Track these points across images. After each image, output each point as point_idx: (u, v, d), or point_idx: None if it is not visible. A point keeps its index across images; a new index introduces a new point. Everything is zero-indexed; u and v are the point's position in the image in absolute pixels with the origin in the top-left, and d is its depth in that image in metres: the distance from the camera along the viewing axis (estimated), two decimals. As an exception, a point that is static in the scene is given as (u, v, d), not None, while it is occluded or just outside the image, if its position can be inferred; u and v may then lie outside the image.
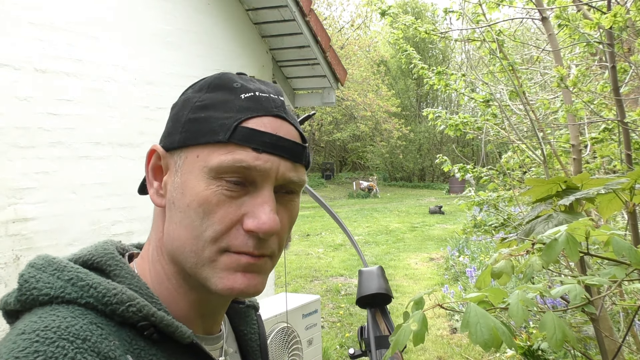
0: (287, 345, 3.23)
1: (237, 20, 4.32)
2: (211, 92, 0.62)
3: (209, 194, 0.57)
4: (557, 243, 0.68)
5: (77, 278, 0.57)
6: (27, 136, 2.79)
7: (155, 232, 0.65)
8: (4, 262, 2.68)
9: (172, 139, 0.62)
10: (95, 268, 0.61)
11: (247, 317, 0.79)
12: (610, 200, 0.81)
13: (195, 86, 0.65)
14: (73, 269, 0.58)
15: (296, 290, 7.17)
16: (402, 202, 19.60)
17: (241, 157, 0.57)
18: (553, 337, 0.66)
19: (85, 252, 0.63)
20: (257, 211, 0.58)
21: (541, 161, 2.23)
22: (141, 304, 0.57)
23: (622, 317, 2.78)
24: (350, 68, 19.06)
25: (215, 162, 0.57)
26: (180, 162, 0.61)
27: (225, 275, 0.58)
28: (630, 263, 0.73)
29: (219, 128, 0.58)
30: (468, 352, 4.83)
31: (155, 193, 0.64)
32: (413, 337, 0.66)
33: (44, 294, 0.55)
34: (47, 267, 0.58)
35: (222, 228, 0.58)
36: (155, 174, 0.65)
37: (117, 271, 0.61)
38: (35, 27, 2.83)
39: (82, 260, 0.62)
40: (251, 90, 0.61)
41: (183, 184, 0.60)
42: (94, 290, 0.56)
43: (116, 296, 0.56)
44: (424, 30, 2.58)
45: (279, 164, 0.59)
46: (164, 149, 0.63)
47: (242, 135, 0.58)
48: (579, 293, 0.70)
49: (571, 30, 2.17)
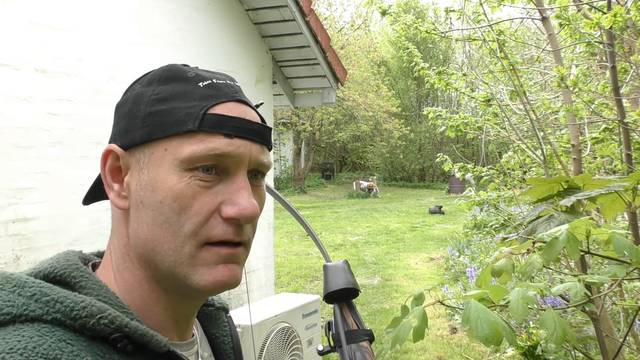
0: (287, 345, 3.22)
1: (237, 20, 4.32)
2: (165, 84, 0.60)
3: (183, 187, 0.56)
4: (558, 242, 0.68)
5: (41, 293, 0.53)
6: (27, 136, 2.79)
7: (118, 237, 0.62)
8: (4, 262, 2.68)
9: (131, 136, 0.59)
10: (59, 281, 0.57)
11: (218, 320, 0.77)
12: (613, 201, 0.81)
13: (142, 81, 0.63)
14: (35, 284, 0.54)
15: (296, 290, 7.17)
16: (402, 202, 19.60)
17: (214, 145, 0.56)
18: (553, 335, 0.66)
19: (46, 264, 0.59)
20: (235, 198, 0.57)
21: (541, 161, 2.22)
22: (113, 315, 0.54)
23: (622, 317, 2.78)
24: (351, 68, 19.07)
25: (187, 152, 0.56)
26: (144, 158, 0.58)
27: (206, 270, 0.57)
28: (631, 262, 0.73)
29: (186, 118, 0.57)
30: (468, 352, 4.83)
31: (117, 196, 0.61)
32: (413, 333, 0.66)
33: (5, 313, 0.51)
34: (6, 284, 0.54)
35: (201, 220, 0.56)
36: (114, 176, 0.62)
37: (83, 282, 0.57)
38: (35, 27, 2.83)
39: (42, 274, 0.57)
40: (207, 78, 0.60)
41: (152, 180, 0.57)
42: (61, 305, 0.52)
43: (85, 309, 0.53)
44: (425, 29, 2.58)
45: (250, 148, 0.58)
46: (121, 148, 0.60)
47: (212, 122, 0.56)
48: (580, 291, 0.70)
49: (571, 30, 2.17)
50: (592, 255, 0.79)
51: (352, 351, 0.79)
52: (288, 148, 24.56)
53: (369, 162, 28.99)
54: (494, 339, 0.63)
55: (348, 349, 0.79)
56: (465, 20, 2.62)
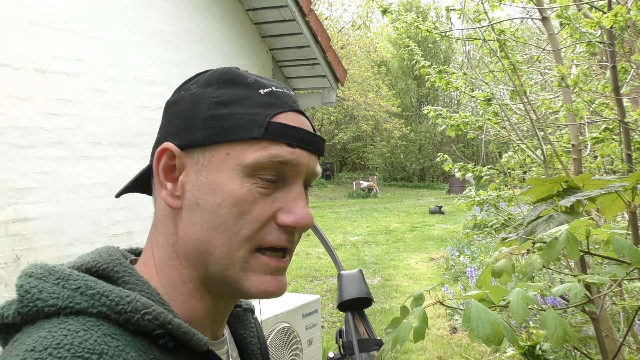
0: (287, 345, 3.22)
1: (237, 20, 4.32)
2: (225, 88, 0.60)
3: (245, 193, 0.56)
4: (558, 242, 0.68)
5: (86, 286, 0.53)
6: (27, 136, 2.79)
7: (165, 235, 0.61)
8: (4, 262, 2.68)
9: (189, 136, 0.59)
10: (101, 275, 0.57)
11: (245, 321, 0.77)
12: (613, 201, 0.81)
13: (198, 81, 0.63)
14: (79, 277, 0.54)
15: (296, 290, 7.16)
16: (402, 202, 19.60)
17: (278, 152, 0.57)
18: (554, 335, 0.66)
19: (88, 258, 0.59)
20: (292, 206, 0.58)
21: (541, 161, 2.22)
22: (157, 311, 0.54)
23: (622, 317, 2.78)
24: (351, 68, 19.06)
25: (251, 159, 0.56)
26: (204, 160, 0.58)
27: (257, 277, 0.58)
28: (631, 262, 0.73)
29: (250, 124, 0.57)
30: (468, 352, 4.83)
31: (170, 195, 0.60)
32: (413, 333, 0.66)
33: (50, 304, 0.51)
34: (49, 276, 0.54)
35: (258, 226, 0.57)
36: (167, 175, 0.61)
37: (127, 277, 0.57)
38: (35, 27, 2.82)
39: (85, 268, 0.58)
40: (267, 85, 0.61)
41: (211, 183, 0.57)
42: (106, 299, 0.52)
43: (130, 304, 0.53)
44: (426, 28, 2.58)
45: (308, 158, 0.60)
46: (178, 147, 0.59)
47: (276, 131, 0.57)
48: (580, 291, 0.70)
49: (572, 29, 2.17)
50: (592, 255, 0.79)
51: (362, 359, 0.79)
52: (288, 148, 24.51)
53: (369, 162, 28.98)
54: (495, 338, 0.63)
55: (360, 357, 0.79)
56: (466, 20, 2.62)
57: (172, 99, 0.64)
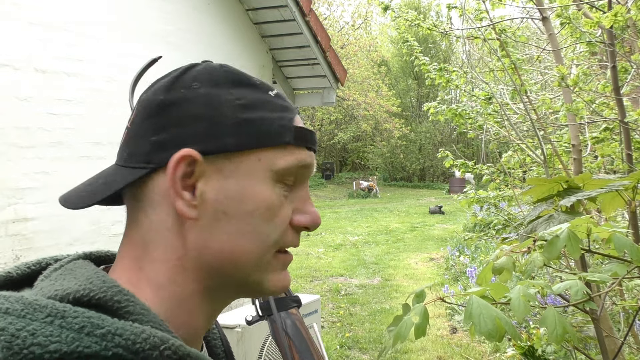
0: (287, 345, 3.22)
1: (237, 20, 4.32)
2: (238, 89, 0.58)
3: (275, 198, 0.57)
4: (559, 240, 0.68)
5: (92, 325, 0.45)
6: (27, 136, 2.79)
7: (167, 250, 0.55)
8: (4, 262, 2.68)
9: (218, 142, 0.55)
10: (95, 306, 0.48)
11: None
12: (613, 198, 0.81)
13: (199, 79, 0.59)
14: (78, 312, 0.46)
15: (296, 290, 7.16)
16: (402, 202, 19.60)
17: (303, 157, 0.58)
18: (554, 333, 0.66)
19: (73, 285, 0.49)
20: (305, 207, 0.60)
21: (541, 161, 2.22)
22: (176, 344, 0.48)
23: (622, 317, 2.77)
24: (351, 68, 19.07)
25: (282, 164, 0.57)
26: (231, 166, 0.55)
27: (275, 276, 0.59)
28: (632, 260, 0.73)
29: (281, 129, 0.57)
30: (468, 352, 4.83)
31: (187, 205, 0.54)
32: (414, 330, 0.66)
33: (52, 350, 0.42)
34: (34, 312, 0.44)
35: (284, 228, 0.58)
36: (185, 183, 0.55)
37: (130, 308, 0.49)
38: (35, 27, 2.82)
39: (73, 297, 0.48)
40: (270, 87, 0.61)
41: (242, 190, 0.55)
42: (120, 338, 0.45)
43: (147, 341, 0.46)
44: (427, 26, 2.58)
45: (315, 160, 0.62)
46: (201, 153, 0.54)
47: (300, 136, 0.58)
48: (581, 288, 0.70)
49: (572, 28, 2.17)
50: (592, 253, 0.79)
51: (282, 319, 0.79)
52: (288, 148, 24.52)
53: (369, 162, 28.99)
54: (497, 334, 0.63)
55: (279, 316, 0.79)
56: (466, 20, 2.62)
57: (170, 98, 0.60)
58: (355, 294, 7.06)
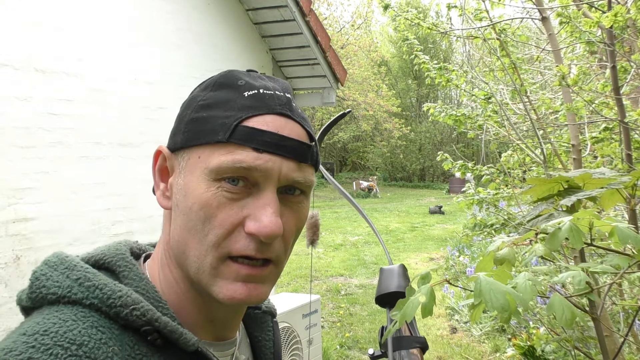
0: (287, 345, 3.22)
1: (237, 20, 4.32)
2: (215, 91, 0.60)
3: (210, 197, 0.56)
4: (561, 231, 0.68)
5: (85, 278, 0.56)
6: (27, 136, 2.79)
7: (164, 234, 0.64)
8: (4, 262, 2.68)
9: (175, 139, 0.61)
10: (106, 268, 0.61)
11: (262, 323, 0.77)
12: (612, 194, 0.81)
13: (202, 84, 0.64)
14: (82, 268, 0.57)
15: (296, 290, 7.16)
16: (402, 202, 19.60)
17: (241, 158, 0.55)
18: (563, 317, 0.66)
19: (99, 251, 0.62)
20: (258, 214, 0.56)
21: (541, 161, 2.22)
22: (145, 308, 0.55)
23: (622, 317, 2.77)
24: (351, 68, 19.06)
25: (215, 162, 0.56)
26: (183, 163, 0.59)
27: (225, 284, 0.57)
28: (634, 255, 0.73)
29: (219, 127, 0.57)
30: (468, 352, 4.83)
31: (162, 195, 0.63)
32: (421, 309, 0.65)
33: (52, 292, 0.55)
34: (59, 265, 0.58)
35: (223, 232, 0.56)
36: (162, 176, 0.63)
37: (126, 272, 0.60)
38: (35, 27, 2.82)
39: (94, 260, 0.61)
40: (256, 87, 0.59)
41: (185, 185, 0.58)
42: (99, 292, 0.55)
43: (121, 298, 0.55)
44: (427, 25, 2.58)
45: (281, 164, 0.57)
46: (169, 149, 0.62)
47: (241, 135, 0.56)
48: (583, 278, 0.70)
49: (572, 28, 2.17)
50: (594, 247, 0.79)
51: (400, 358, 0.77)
52: (288, 148, 24.50)
53: (369, 162, 28.98)
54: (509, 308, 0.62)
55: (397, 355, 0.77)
56: (466, 19, 2.62)
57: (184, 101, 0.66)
58: (355, 294, 7.06)
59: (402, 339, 0.79)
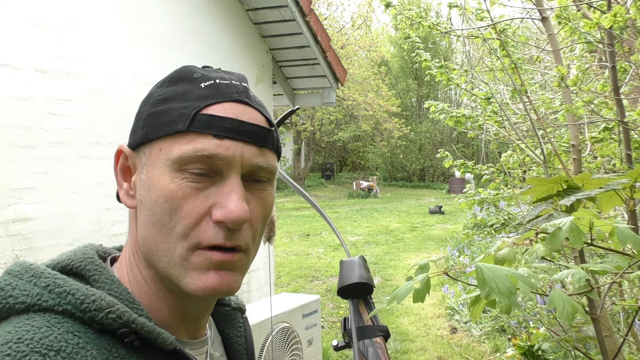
0: (287, 345, 3.23)
1: (237, 20, 4.32)
2: (172, 86, 0.61)
3: (174, 188, 0.55)
4: (561, 231, 0.68)
5: (55, 284, 0.55)
6: (27, 136, 2.79)
7: (131, 235, 0.63)
8: (4, 262, 2.68)
9: (135, 136, 0.61)
10: (74, 273, 0.59)
11: (233, 320, 0.77)
12: (611, 196, 0.81)
13: (159, 82, 0.64)
14: (50, 275, 0.56)
15: (296, 290, 7.16)
16: (402, 202, 19.60)
17: (202, 146, 0.55)
18: (563, 311, 0.66)
19: (64, 257, 0.61)
20: (224, 200, 0.55)
21: (541, 161, 2.23)
22: (121, 310, 0.55)
23: (622, 317, 2.77)
24: (351, 68, 19.06)
25: (176, 153, 0.56)
26: (144, 158, 0.59)
27: (197, 275, 0.56)
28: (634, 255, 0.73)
29: (178, 118, 0.57)
30: (468, 352, 4.83)
31: (126, 194, 0.62)
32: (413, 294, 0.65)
33: (20, 302, 0.53)
34: (24, 273, 0.56)
35: (191, 222, 0.55)
36: (125, 175, 0.63)
37: (97, 276, 0.58)
38: (35, 27, 2.83)
39: (60, 266, 0.59)
40: (211, 78, 0.60)
41: (148, 180, 0.58)
42: (72, 297, 0.54)
43: (95, 302, 0.54)
44: (428, 24, 2.58)
45: (242, 149, 0.57)
46: (129, 148, 0.62)
47: (201, 123, 0.56)
48: (583, 276, 0.70)
49: (571, 29, 2.17)
50: (594, 247, 0.79)
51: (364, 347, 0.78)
52: (288, 148, 24.56)
53: (369, 162, 28.97)
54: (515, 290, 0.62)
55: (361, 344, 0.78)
56: (466, 19, 2.62)
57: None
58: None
59: (365, 328, 0.80)
